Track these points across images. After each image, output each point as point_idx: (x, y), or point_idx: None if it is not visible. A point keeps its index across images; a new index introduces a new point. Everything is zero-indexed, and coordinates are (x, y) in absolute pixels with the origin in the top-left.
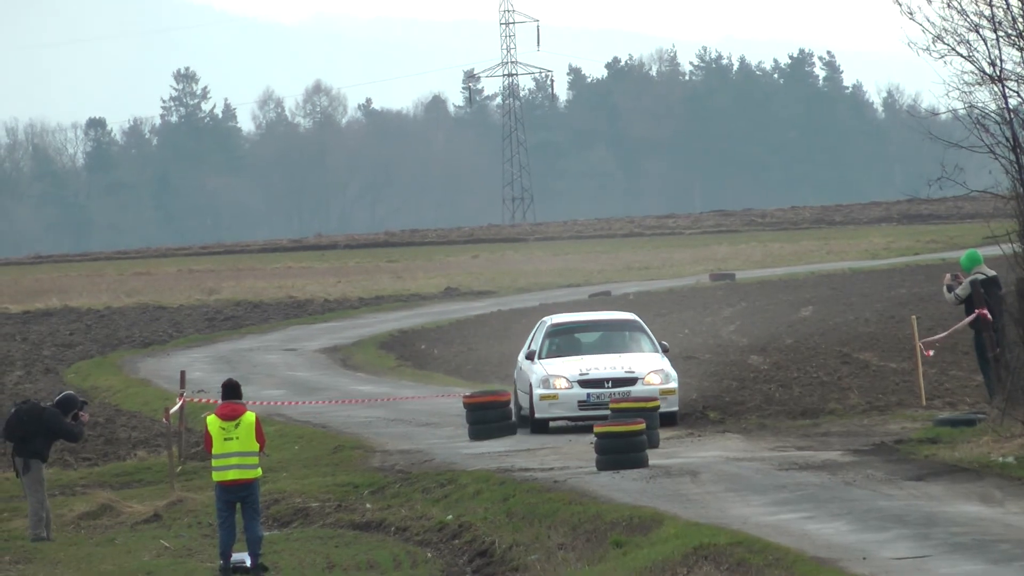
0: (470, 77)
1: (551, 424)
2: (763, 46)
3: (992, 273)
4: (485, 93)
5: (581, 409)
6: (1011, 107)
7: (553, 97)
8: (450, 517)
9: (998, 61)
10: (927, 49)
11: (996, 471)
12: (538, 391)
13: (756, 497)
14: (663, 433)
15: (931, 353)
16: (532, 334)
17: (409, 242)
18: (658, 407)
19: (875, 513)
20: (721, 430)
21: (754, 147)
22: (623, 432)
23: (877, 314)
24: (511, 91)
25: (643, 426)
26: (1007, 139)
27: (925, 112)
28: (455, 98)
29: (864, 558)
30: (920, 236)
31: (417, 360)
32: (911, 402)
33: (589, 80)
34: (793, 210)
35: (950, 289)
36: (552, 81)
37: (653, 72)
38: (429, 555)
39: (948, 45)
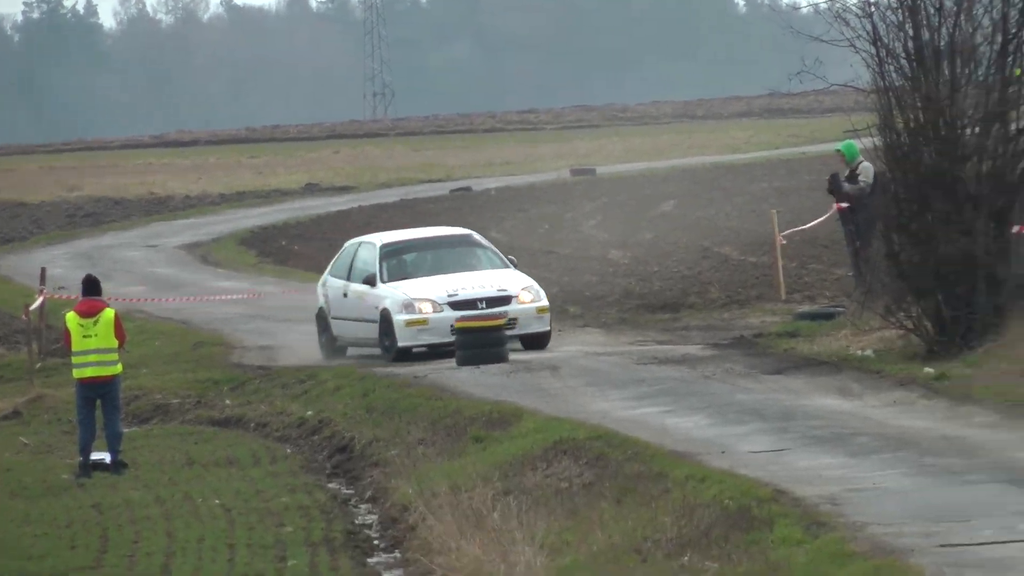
0: None
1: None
2: None
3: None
4: None
5: (453, 334)
6: (871, 1)
7: None
8: (310, 413)
9: None
10: None
11: (854, 364)
12: (401, 316)
13: (615, 391)
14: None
15: (784, 241)
16: (344, 257)
17: (270, 138)
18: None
19: (734, 407)
20: (581, 324)
21: (617, 42)
22: (483, 327)
23: (737, 208)
24: None
25: (503, 321)
26: (868, 32)
27: (786, 6)
28: None
29: (723, 452)
30: (781, 131)
31: (278, 256)
32: (771, 296)
33: None
34: (655, 105)
35: (850, 181)
36: None
37: None
38: (288, 451)
39: None
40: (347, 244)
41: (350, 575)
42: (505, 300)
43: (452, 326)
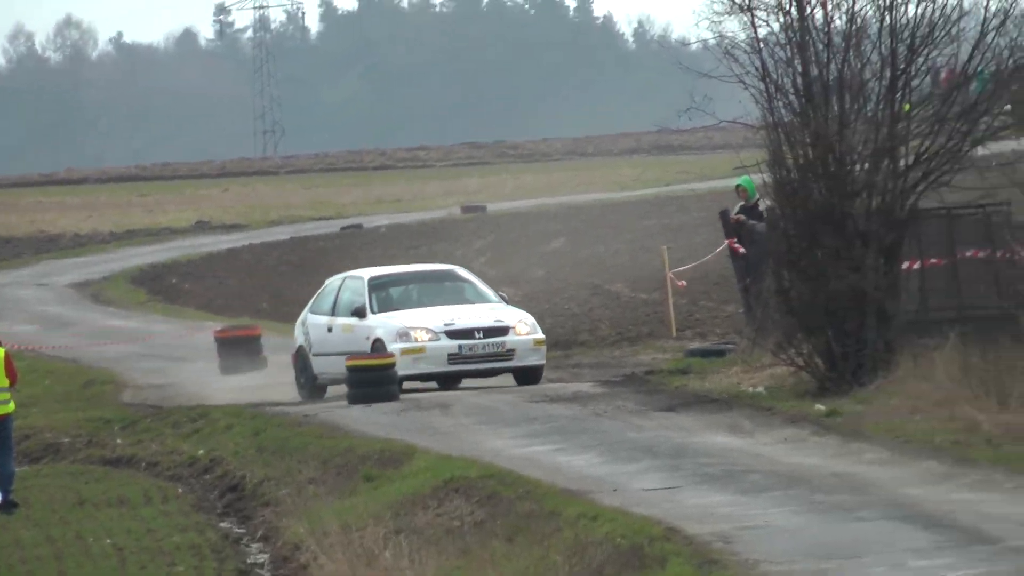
0: (221, 10)
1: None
2: None
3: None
4: (236, 26)
5: (451, 363)
6: (760, 36)
7: (305, 29)
8: (201, 452)
9: None
10: None
11: (746, 401)
12: (396, 346)
13: (507, 430)
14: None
15: (684, 284)
16: (327, 293)
17: (160, 176)
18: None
19: (626, 444)
20: None
21: (506, 78)
22: (374, 366)
23: (627, 245)
24: (262, 24)
25: (393, 360)
26: (757, 68)
27: (675, 42)
28: (207, 31)
29: (615, 490)
30: (670, 167)
31: (168, 294)
32: (661, 333)
33: (340, 12)
34: (545, 142)
35: (750, 215)
36: (303, 13)
37: (404, 4)
38: (180, 490)
39: None
40: (328, 281)
41: None
42: (502, 331)
43: (449, 355)
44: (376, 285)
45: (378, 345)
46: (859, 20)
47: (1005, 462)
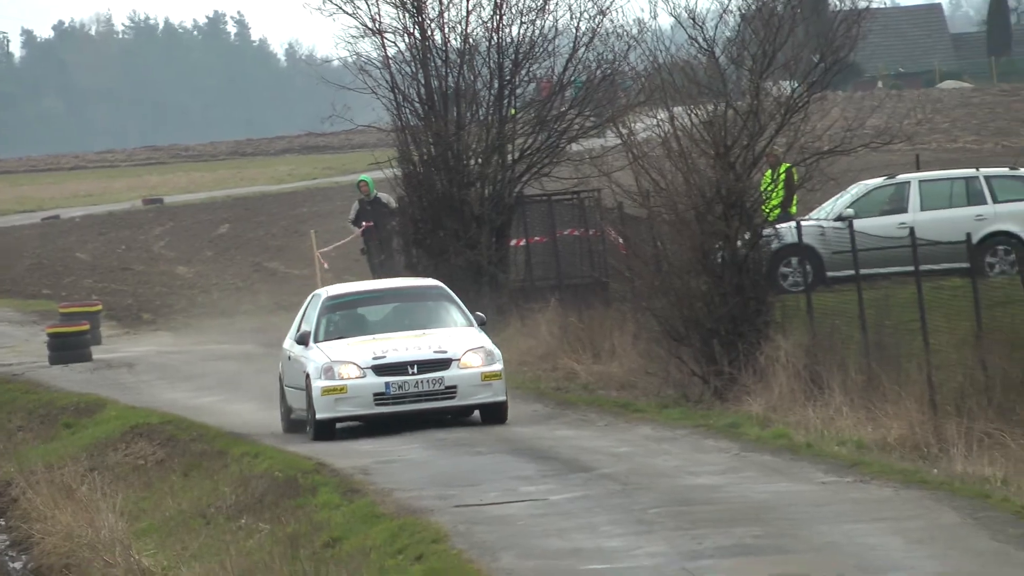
0: None
1: (338, 426)
2: (185, 7)
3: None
4: None
5: (378, 405)
6: (389, 55)
7: (9, 55)
8: None
9: (378, 16)
10: (319, 9)
11: None
12: (319, 383)
13: (184, 384)
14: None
15: (327, 265)
16: (303, 311)
17: None
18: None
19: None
20: (153, 328)
21: (180, 94)
22: (70, 332)
23: (283, 229)
24: None
25: (87, 327)
26: (387, 81)
27: (320, 61)
28: None
29: (273, 433)
30: (318, 164)
31: None
32: None
33: (39, 39)
34: (212, 145)
35: (374, 207)
36: (8, 41)
37: (92, 32)
38: None
39: (336, 4)
40: (311, 295)
41: None
42: (442, 364)
43: (375, 395)
44: (330, 306)
45: (307, 381)
46: (471, 40)
47: (598, 404)
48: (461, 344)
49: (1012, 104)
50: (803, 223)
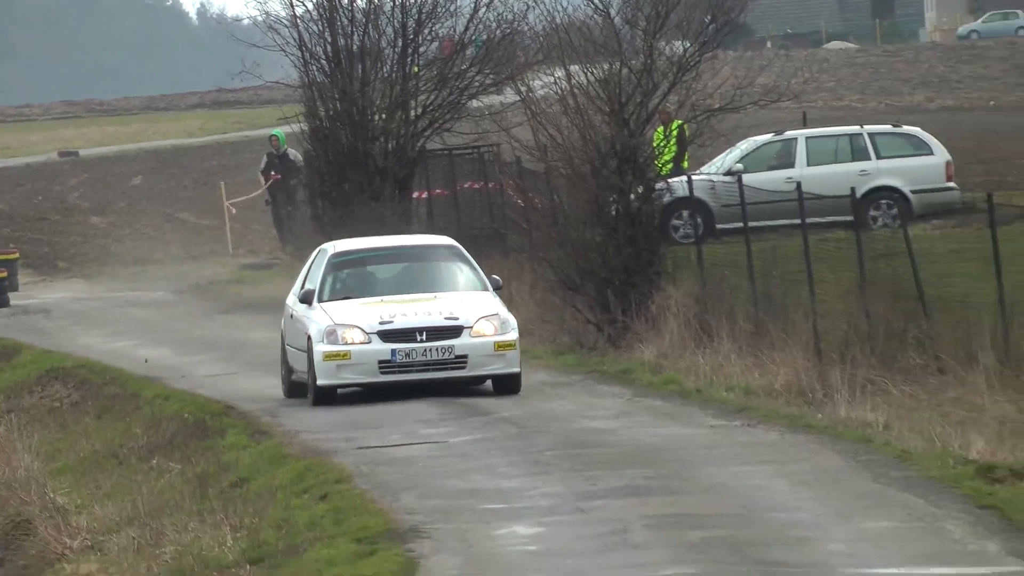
0: None
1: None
2: None
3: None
4: None
5: (383, 373)
6: (298, 14)
7: None
8: None
9: None
10: None
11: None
12: (320, 347)
13: (97, 329)
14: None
15: (234, 211)
16: (308, 265)
17: None
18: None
19: (193, 341)
20: (68, 276)
21: (95, 50)
22: None
23: (193, 182)
24: None
25: (5, 274)
26: (295, 39)
27: (231, 19)
28: None
29: (183, 376)
30: (228, 119)
31: None
32: (221, 251)
33: None
34: (126, 99)
35: (282, 161)
36: None
37: None
38: None
39: None
40: (317, 249)
41: None
42: (453, 331)
43: (380, 363)
44: (336, 264)
45: (309, 344)
46: (376, 0)
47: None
48: (474, 310)
49: (895, 64)
50: (694, 177)
